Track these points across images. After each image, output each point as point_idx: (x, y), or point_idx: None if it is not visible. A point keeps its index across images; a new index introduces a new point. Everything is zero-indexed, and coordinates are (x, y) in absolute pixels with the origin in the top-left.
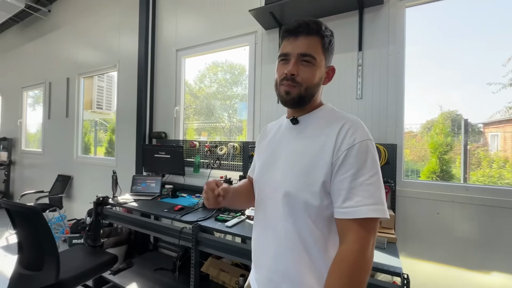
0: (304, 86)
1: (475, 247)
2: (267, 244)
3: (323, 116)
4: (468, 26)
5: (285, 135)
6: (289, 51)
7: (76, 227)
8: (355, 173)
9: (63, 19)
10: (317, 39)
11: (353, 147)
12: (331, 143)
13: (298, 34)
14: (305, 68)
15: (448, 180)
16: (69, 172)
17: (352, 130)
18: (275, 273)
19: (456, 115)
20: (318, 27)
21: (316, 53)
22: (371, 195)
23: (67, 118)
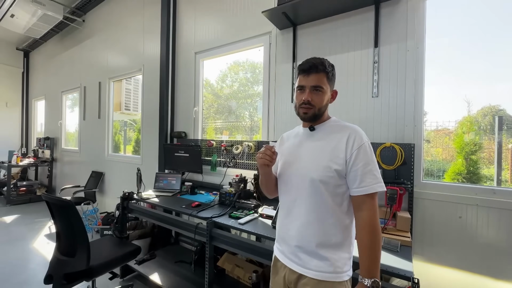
0: (317, 107)
1: (500, 255)
2: (295, 219)
3: (332, 126)
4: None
5: (304, 139)
6: (304, 84)
7: (107, 220)
8: (364, 164)
9: (95, 28)
10: (323, 75)
11: (360, 148)
12: (342, 144)
13: (310, 72)
14: (317, 96)
15: (477, 182)
16: (101, 168)
17: (357, 137)
18: (302, 240)
19: (498, 110)
20: (323, 67)
21: (323, 84)
22: (376, 178)
23: (99, 119)
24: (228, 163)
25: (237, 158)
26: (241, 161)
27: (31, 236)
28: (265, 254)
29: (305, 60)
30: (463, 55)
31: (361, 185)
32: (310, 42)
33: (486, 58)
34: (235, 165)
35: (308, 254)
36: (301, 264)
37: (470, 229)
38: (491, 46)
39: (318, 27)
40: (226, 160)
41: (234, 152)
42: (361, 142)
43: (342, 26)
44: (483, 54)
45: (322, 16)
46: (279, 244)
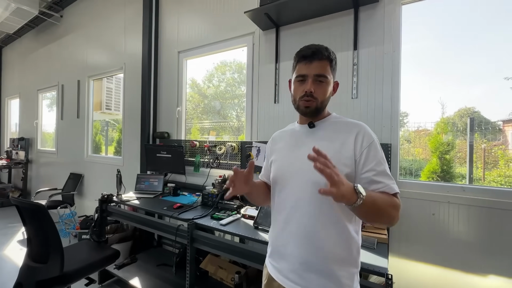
0: (320, 100)
1: (471, 249)
2: (296, 231)
3: (335, 123)
4: (480, 19)
5: (303, 137)
6: (306, 72)
7: (85, 223)
8: (377, 164)
9: (73, 24)
10: (326, 62)
11: (370, 146)
12: (350, 143)
13: (313, 59)
14: (320, 86)
15: (450, 180)
16: (80, 170)
17: (366, 134)
18: (305, 256)
19: (473, 112)
20: (328, 53)
21: (327, 73)
22: (391, 178)
23: (78, 119)
24: (212, 164)
25: (220, 159)
26: (224, 162)
27: (2, 242)
28: (248, 255)
29: (304, 46)
30: (441, 58)
31: (376, 187)
32: (293, 43)
33: (462, 62)
34: (218, 166)
35: (313, 273)
36: (306, 286)
37: (442, 225)
38: (468, 50)
39: (301, 28)
40: (210, 161)
41: (217, 153)
42: (370, 140)
43: (324, 28)
44: (460, 57)
45: (304, 18)
46: (275, 261)
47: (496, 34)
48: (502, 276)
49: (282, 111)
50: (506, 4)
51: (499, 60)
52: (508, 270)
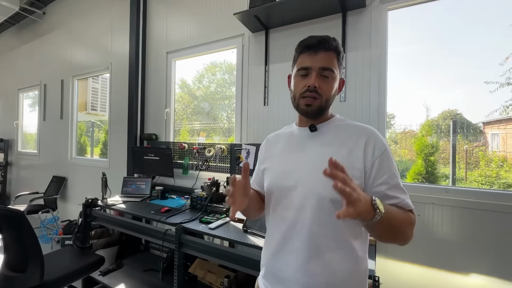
0: (325, 98)
1: (454, 249)
2: (295, 251)
3: (341, 126)
4: (463, 26)
5: (304, 142)
6: (309, 65)
7: (69, 228)
8: (390, 177)
9: (57, 21)
10: (333, 54)
11: (382, 155)
12: (359, 151)
13: (318, 49)
14: (325, 81)
15: (434, 182)
16: (64, 173)
17: (378, 141)
18: (306, 280)
19: (456, 114)
20: (336, 44)
21: (334, 66)
22: (405, 192)
23: (62, 120)
24: (201, 166)
25: (209, 161)
26: (213, 164)
27: None
28: (237, 259)
29: (308, 36)
30: (426, 62)
31: (392, 202)
32: (282, 45)
33: (446, 66)
34: (207, 168)
35: None
36: None
37: (427, 226)
38: (450, 54)
39: (290, 31)
40: (199, 163)
41: (206, 155)
42: (383, 148)
43: (313, 31)
44: (443, 62)
45: (294, 21)
46: (269, 283)
47: (476, 40)
48: (483, 275)
49: (271, 114)
50: (484, 12)
51: (479, 65)
52: (488, 269)
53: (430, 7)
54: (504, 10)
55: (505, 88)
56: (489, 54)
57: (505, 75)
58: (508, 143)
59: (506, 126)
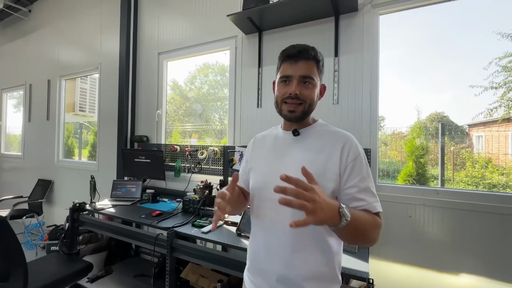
0: (307, 103)
1: (444, 250)
2: (276, 248)
3: (321, 131)
4: (449, 32)
5: (287, 146)
6: (290, 73)
7: (55, 234)
8: (361, 180)
9: (44, 19)
10: (313, 63)
11: (356, 159)
12: (336, 156)
13: (298, 58)
14: (306, 88)
15: (425, 183)
16: (50, 176)
17: (353, 147)
18: (286, 274)
19: (442, 117)
20: (315, 53)
21: (314, 74)
22: (375, 196)
23: (48, 121)
24: (193, 169)
25: (202, 164)
26: (206, 167)
27: None
28: (230, 264)
29: (290, 45)
30: (415, 65)
31: (357, 204)
32: (276, 48)
33: (433, 69)
34: (200, 171)
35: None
36: None
37: (418, 227)
38: (438, 58)
39: (283, 33)
40: (191, 166)
41: (199, 157)
42: (356, 153)
43: (306, 34)
44: (431, 65)
45: (287, 23)
46: (253, 276)
47: (461, 46)
48: (472, 274)
49: (265, 116)
50: (469, 19)
51: (464, 69)
52: (477, 268)
53: (419, 13)
54: (488, 18)
55: (489, 92)
56: (473, 59)
57: (488, 79)
58: (492, 145)
59: (492, 128)
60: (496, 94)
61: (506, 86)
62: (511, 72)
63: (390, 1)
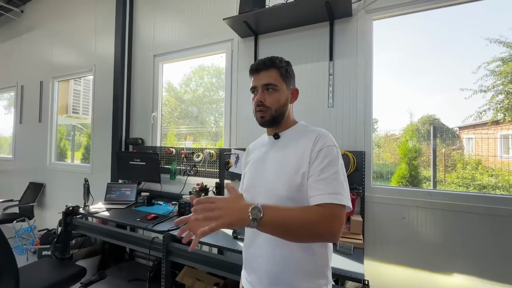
0: (274, 108)
1: (438, 250)
2: (262, 244)
3: (299, 131)
4: (439, 37)
5: (268, 149)
6: (255, 84)
7: (47, 238)
8: (328, 165)
9: (36, 20)
10: (275, 71)
11: (321, 150)
12: (308, 149)
13: (259, 70)
14: (270, 95)
15: (417, 185)
16: (41, 179)
17: (322, 138)
18: (271, 269)
19: (434, 119)
20: (272, 62)
21: (276, 81)
22: (343, 186)
23: (40, 123)
24: (189, 172)
25: (198, 166)
26: (202, 169)
27: None
28: (226, 267)
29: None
30: (408, 68)
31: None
32: (271, 51)
33: (425, 73)
34: (196, 174)
35: (280, 286)
36: None
37: (412, 228)
38: (430, 62)
39: (279, 37)
40: (187, 168)
41: (195, 160)
42: (325, 145)
43: (302, 38)
44: (423, 69)
45: (283, 27)
46: (247, 273)
47: (452, 50)
48: (464, 274)
49: None
50: (459, 25)
51: (455, 73)
52: (469, 268)
53: (411, 19)
54: (476, 24)
55: (478, 95)
56: (463, 63)
57: (477, 82)
58: (481, 147)
59: (481, 131)
60: (485, 97)
61: (494, 89)
62: (499, 76)
63: (383, 7)
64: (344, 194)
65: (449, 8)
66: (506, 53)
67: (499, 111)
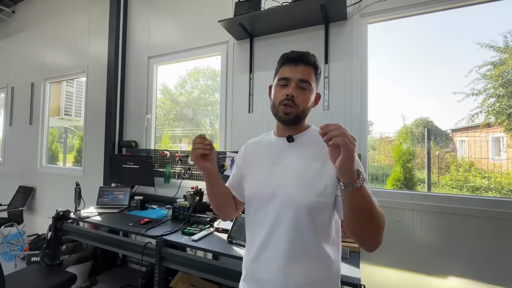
0: (301, 108)
1: (433, 253)
2: (273, 257)
3: (315, 137)
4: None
5: (281, 153)
6: (289, 76)
7: (36, 243)
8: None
9: (28, 21)
10: (312, 69)
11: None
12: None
13: (298, 62)
14: (303, 93)
15: (412, 187)
16: (32, 183)
17: None
18: (283, 284)
19: (427, 122)
20: (314, 60)
21: (312, 80)
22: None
23: (31, 125)
24: (183, 175)
25: (193, 169)
26: (197, 173)
27: None
28: (222, 272)
29: (290, 50)
30: (402, 71)
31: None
32: (267, 54)
33: (419, 76)
34: (190, 177)
35: None
36: None
37: (407, 231)
38: (424, 66)
39: (275, 40)
40: (181, 172)
41: (189, 163)
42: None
43: (297, 41)
44: (417, 72)
45: (278, 30)
46: (248, 286)
47: (445, 54)
48: (459, 277)
49: (256, 121)
50: (452, 29)
51: (448, 76)
52: (464, 271)
53: (405, 23)
54: (468, 29)
55: (470, 98)
56: (456, 66)
57: (469, 86)
58: (474, 149)
59: (475, 133)
60: (477, 101)
61: (485, 92)
62: (490, 79)
63: (377, 11)
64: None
65: (442, 12)
66: (496, 57)
67: (490, 114)
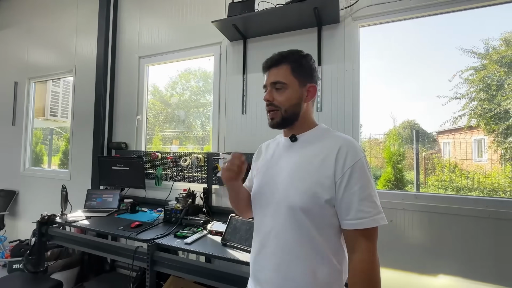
0: (283, 108)
1: (424, 252)
2: (270, 257)
3: (319, 136)
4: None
5: (283, 152)
6: (265, 83)
7: (19, 250)
8: (361, 188)
9: (11, 18)
10: (285, 66)
11: (355, 165)
12: (331, 161)
13: (269, 67)
14: (279, 93)
15: (402, 187)
16: (14, 186)
17: (351, 151)
18: (279, 284)
19: (414, 124)
20: (281, 57)
21: (285, 78)
22: (376, 206)
23: (14, 126)
24: (175, 177)
25: (185, 171)
26: (189, 174)
27: None
28: (215, 275)
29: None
30: (391, 74)
31: (357, 216)
32: (260, 55)
33: (407, 80)
34: (182, 179)
35: None
36: None
37: (399, 231)
38: (411, 70)
39: (268, 41)
40: (173, 174)
41: (181, 165)
42: (356, 158)
43: (290, 43)
44: (405, 76)
45: (272, 32)
46: (253, 284)
47: (431, 58)
48: (451, 275)
49: (249, 122)
50: (436, 35)
51: (434, 80)
52: (455, 269)
53: (395, 27)
54: (452, 35)
55: (454, 102)
56: (440, 71)
57: (453, 90)
58: (459, 151)
59: (460, 135)
60: (460, 104)
61: (468, 96)
62: (471, 84)
63: (369, 15)
64: (382, 210)
65: (428, 18)
66: (478, 62)
67: (472, 116)
